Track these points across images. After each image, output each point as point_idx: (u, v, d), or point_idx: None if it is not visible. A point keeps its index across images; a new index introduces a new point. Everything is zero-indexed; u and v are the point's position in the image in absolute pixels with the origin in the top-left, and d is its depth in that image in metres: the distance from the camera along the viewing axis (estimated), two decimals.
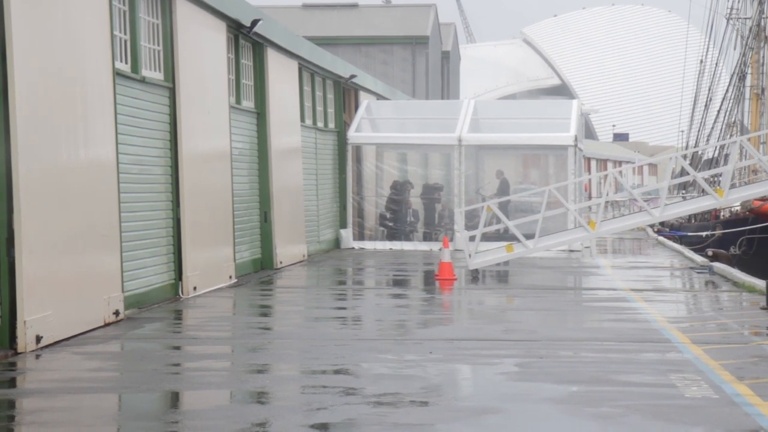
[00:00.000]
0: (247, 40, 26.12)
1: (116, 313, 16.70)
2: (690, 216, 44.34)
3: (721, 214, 41.89)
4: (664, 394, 11.21)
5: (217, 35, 23.19)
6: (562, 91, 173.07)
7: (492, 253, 25.30)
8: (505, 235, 29.56)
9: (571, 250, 32.86)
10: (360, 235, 36.20)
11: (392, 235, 36.22)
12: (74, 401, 11.10)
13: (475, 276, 24.76)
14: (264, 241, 27.10)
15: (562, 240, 25.87)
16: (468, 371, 13.20)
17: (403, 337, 15.74)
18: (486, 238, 26.93)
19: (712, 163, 49.18)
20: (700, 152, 51.38)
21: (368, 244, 35.79)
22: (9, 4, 13.78)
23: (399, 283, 25.55)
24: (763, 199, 35.05)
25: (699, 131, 54.07)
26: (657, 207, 24.91)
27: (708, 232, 40.93)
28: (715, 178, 37.82)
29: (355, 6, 69.07)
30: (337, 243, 35.56)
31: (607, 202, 26.91)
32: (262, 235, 27.07)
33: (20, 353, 13.72)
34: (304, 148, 31.39)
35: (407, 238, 36.19)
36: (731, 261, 35.06)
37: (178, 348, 15.01)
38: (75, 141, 15.76)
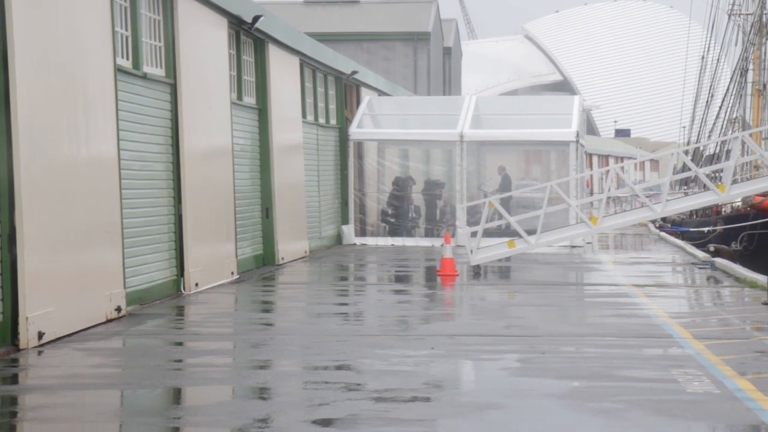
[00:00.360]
0: (248, 36, 26.12)
1: (118, 309, 16.71)
2: (691, 212, 44.33)
3: (723, 210, 41.89)
4: (666, 389, 11.22)
5: (218, 31, 23.19)
6: (563, 87, 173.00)
7: (493, 249, 25.30)
8: (506, 231, 29.53)
9: (573, 246, 32.86)
10: (362, 231, 36.21)
11: (394, 231, 36.23)
12: (76, 397, 11.11)
13: (476, 272, 24.77)
14: (266, 237, 27.11)
15: (563, 236, 25.87)
16: (470, 367, 13.20)
17: (404, 333, 15.74)
18: (488, 233, 26.92)
19: (713, 158, 49.18)
20: (701, 148, 51.36)
21: (370, 240, 35.79)
22: (10, 1, 13.77)
23: (401, 279, 25.55)
24: (764, 194, 35.03)
25: (701, 127, 54.07)
26: (658, 203, 24.90)
27: (709, 228, 40.93)
28: (717, 174, 37.81)
29: (356, 2, 69.04)
30: (338, 239, 35.56)
31: (608, 197, 26.90)
32: (264, 231, 27.08)
33: (22, 349, 13.73)
34: (306, 144, 31.39)
35: (409, 234, 36.20)
36: (733, 257, 35.05)
37: (180, 344, 15.02)
38: (76, 137, 15.77)
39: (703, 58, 55.47)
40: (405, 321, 17.30)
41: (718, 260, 27.79)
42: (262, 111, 27.08)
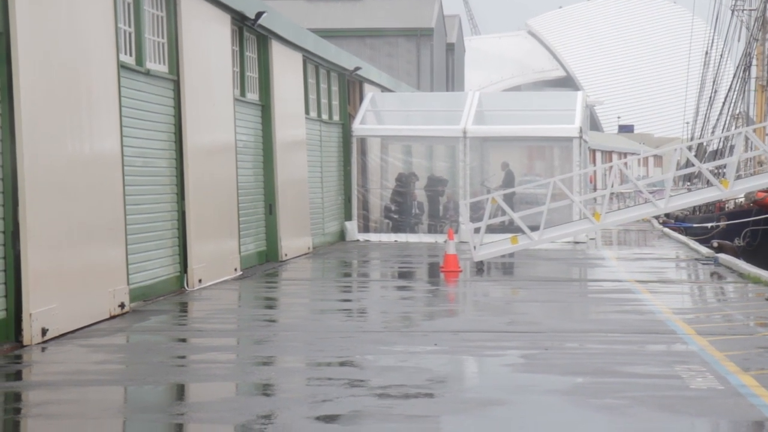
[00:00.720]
0: (251, 32, 26.11)
1: (122, 305, 16.72)
2: (694, 208, 44.28)
3: (726, 205, 41.85)
4: (670, 385, 11.21)
5: (221, 28, 23.19)
6: (567, 82, 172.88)
7: (497, 245, 25.29)
8: (510, 227, 29.52)
9: (576, 242, 32.84)
10: (365, 228, 36.21)
11: (397, 228, 36.23)
12: (80, 394, 11.12)
13: (480, 268, 24.76)
14: (269, 233, 27.12)
15: (566, 231, 25.84)
16: (473, 363, 13.21)
17: (408, 329, 15.75)
18: (491, 229, 26.92)
19: (716, 154, 49.12)
20: (705, 144, 51.30)
21: (373, 237, 35.80)
22: None
23: (404, 275, 25.55)
24: (767, 190, 34.99)
25: (704, 123, 54.00)
26: (662, 198, 24.89)
27: (713, 224, 40.89)
28: (720, 170, 37.79)
29: None
30: (342, 235, 35.56)
31: (612, 193, 26.87)
32: (267, 228, 27.09)
33: (26, 346, 13.74)
34: (309, 140, 31.38)
35: (412, 230, 36.19)
36: (736, 252, 35.03)
37: (183, 340, 15.03)
38: (80, 134, 15.77)
39: (706, 53, 55.38)
40: (408, 317, 17.31)
41: (722, 256, 27.77)
42: (265, 107, 27.09)
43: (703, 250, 30.66)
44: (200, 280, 20.83)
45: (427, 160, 39.24)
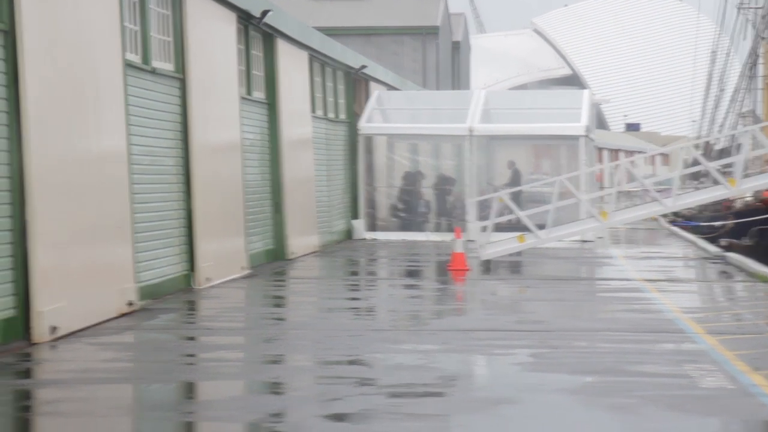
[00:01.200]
0: (257, 30, 26.10)
1: (130, 303, 16.72)
2: (701, 206, 44.17)
3: (734, 204, 41.76)
4: (680, 384, 11.19)
5: (227, 26, 23.17)
6: (573, 81, 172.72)
7: (504, 244, 25.26)
8: (517, 226, 29.47)
9: (584, 241, 32.79)
10: (372, 226, 36.18)
11: (404, 226, 36.20)
12: (90, 392, 11.11)
13: (487, 266, 24.72)
14: (276, 231, 27.10)
15: (573, 230, 25.81)
16: (482, 362, 13.19)
17: (416, 328, 15.73)
18: (498, 228, 26.88)
19: (722, 153, 49.05)
20: (712, 142, 51.25)
21: (380, 235, 35.77)
22: None
23: (412, 273, 25.53)
24: None
25: (711, 121, 53.95)
26: (669, 197, 24.83)
27: (720, 222, 40.82)
28: (727, 169, 37.70)
29: None
30: (349, 234, 35.55)
31: (619, 192, 26.81)
32: (275, 226, 27.08)
33: (35, 344, 13.75)
34: (315, 138, 31.37)
35: (419, 228, 36.16)
36: (745, 251, 34.93)
37: (192, 339, 15.02)
38: (86, 133, 15.77)
39: (713, 51, 55.31)
40: (417, 316, 17.29)
41: (731, 255, 27.71)
42: (271, 106, 27.07)
43: (712, 248, 30.60)
44: (208, 279, 20.82)
45: (434, 158, 39.22)
